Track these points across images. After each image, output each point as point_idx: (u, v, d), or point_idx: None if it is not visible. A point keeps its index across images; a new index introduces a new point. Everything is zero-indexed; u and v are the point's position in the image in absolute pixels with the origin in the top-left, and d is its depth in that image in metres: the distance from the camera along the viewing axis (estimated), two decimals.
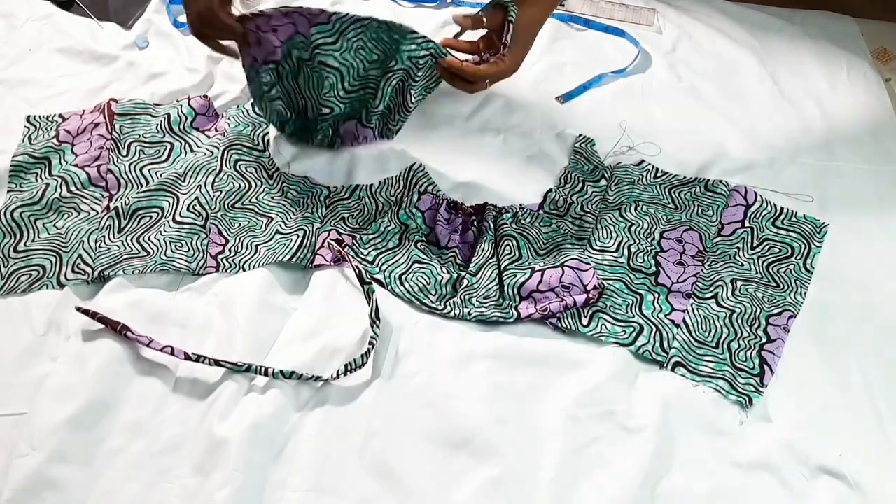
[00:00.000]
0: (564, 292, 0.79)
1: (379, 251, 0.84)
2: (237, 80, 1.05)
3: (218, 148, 0.92)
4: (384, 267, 0.83)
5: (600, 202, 0.91)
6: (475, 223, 0.86)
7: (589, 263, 0.81)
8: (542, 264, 0.82)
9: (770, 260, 0.86)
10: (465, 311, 0.79)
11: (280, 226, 0.85)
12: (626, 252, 0.85)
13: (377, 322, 0.75)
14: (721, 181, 0.94)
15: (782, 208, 0.91)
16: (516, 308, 0.79)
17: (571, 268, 0.81)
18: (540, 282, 0.80)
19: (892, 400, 0.76)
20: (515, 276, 0.81)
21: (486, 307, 0.79)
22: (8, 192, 0.87)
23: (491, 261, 0.83)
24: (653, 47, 1.18)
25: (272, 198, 0.88)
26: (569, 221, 0.89)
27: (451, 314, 0.79)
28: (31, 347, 0.74)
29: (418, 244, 0.85)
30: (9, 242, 0.82)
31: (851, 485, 0.68)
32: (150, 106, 0.99)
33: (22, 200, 0.85)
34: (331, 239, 0.83)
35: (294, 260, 0.81)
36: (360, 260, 0.82)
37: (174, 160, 0.92)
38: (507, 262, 0.82)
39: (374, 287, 0.78)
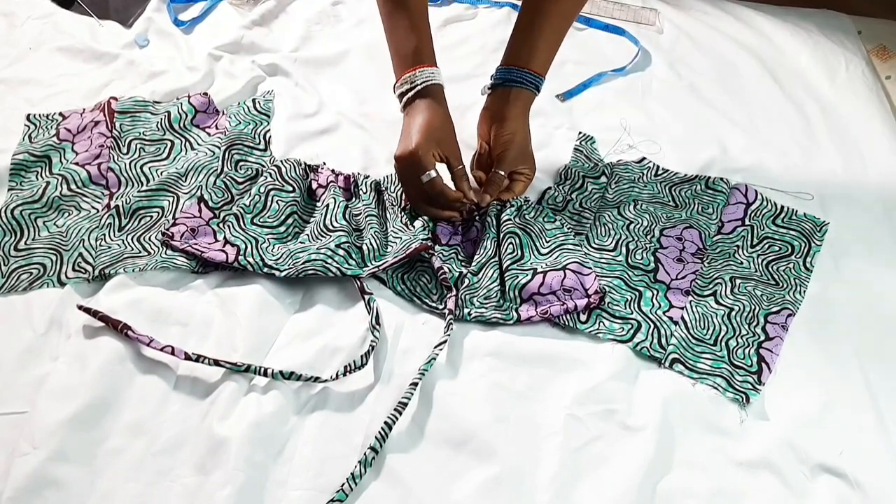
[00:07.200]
0: (565, 296, 0.79)
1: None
2: (237, 77, 1.05)
3: (219, 147, 0.92)
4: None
5: (599, 199, 0.91)
6: (478, 218, 0.86)
7: (590, 267, 0.81)
8: (543, 266, 0.81)
9: (770, 258, 0.86)
10: (466, 311, 0.79)
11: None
12: (623, 250, 0.85)
13: (377, 328, 0.76)
14: (721, 179, 0.94)
15: (783, 206, 0.91)
16: (517, 310, 0.79)
17: (573, 271, 0.80)
18: (541, 284, 0.80)
19: (892, 398, 0.76)
20: (517, 276, 0.80)
21: (486, 308, 0.79)
22: (8, 190, 0.87)
23: (493, 260, 0.83)
24: (652, 46, 1.18)
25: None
26: (567, 216, 0.89)
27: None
28: (31, 346, 0.74)
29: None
30: (9, 241, 0.82)
31: (852, 483, 0.68)
32: (150, 104, 0.99)
33: (22, 199, 0.85)
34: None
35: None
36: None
37: (175, 158, 0.92)
38: (508, 262, 0.82)
39: (374, 297, 0.79)
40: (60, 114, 0.97)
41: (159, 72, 1.06)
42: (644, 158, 0.97)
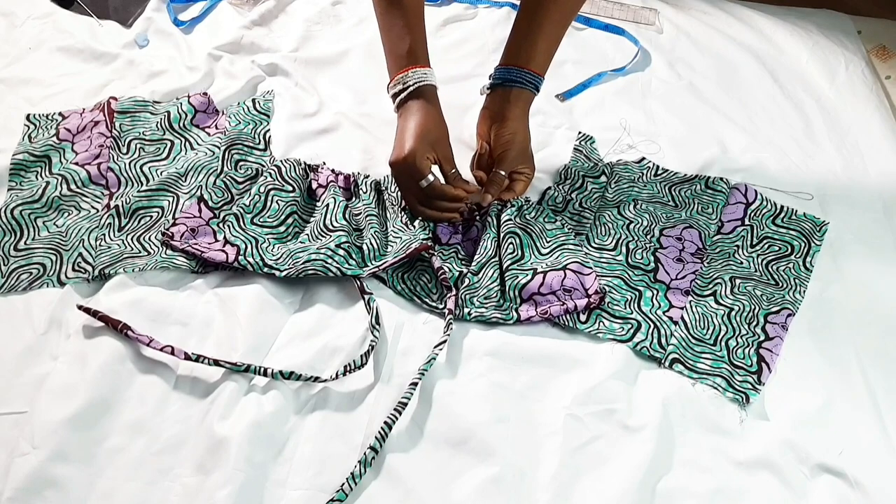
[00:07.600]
0: (566, 296, 0.79)
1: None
2: (237, 77, 1.05)
3: (219, 147, 0.92)
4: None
5: (599, 199, 0.91)
6: (478, 218, 0.86)
7: (591, 267, 0.81)
8: (543, 265, 0.81)
9: (770, 258, 0.86)
10: (466, 311, 0.79)
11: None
12: (623, 249, 0.85)
13: (377, 328, 0.76)
14: (721, 179, 0.94)
15: (782, 206, 0.91)
16: (517, 310, 0.79)
17: (573, 271, 0.80)
18: (541, 284, 0.79)
19: (892, 398, 0.76)
20: (517, 276, 0.80)
21: (486, 308, 0.79)
22: (8, 190, 0.87)
23: (493, 260, 0.83)
24: (652, 46, 1.18)
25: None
26: (567, 216, 0.89)
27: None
28: (31, 346, 0.74)
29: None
30: (9, 241, 0.82)
31: (852, 483, 0.68)
32: (150, 103, 0.99)
33: (22, 199, 0.85)
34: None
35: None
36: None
37: (174, 158, 0.92)
38: (508, 262, 0.82)
39: (374, 297, 0.78)
40: (60, 114, 0.97)
41: (159, 72, 1.06)
42: (644, 158, 0.97)
